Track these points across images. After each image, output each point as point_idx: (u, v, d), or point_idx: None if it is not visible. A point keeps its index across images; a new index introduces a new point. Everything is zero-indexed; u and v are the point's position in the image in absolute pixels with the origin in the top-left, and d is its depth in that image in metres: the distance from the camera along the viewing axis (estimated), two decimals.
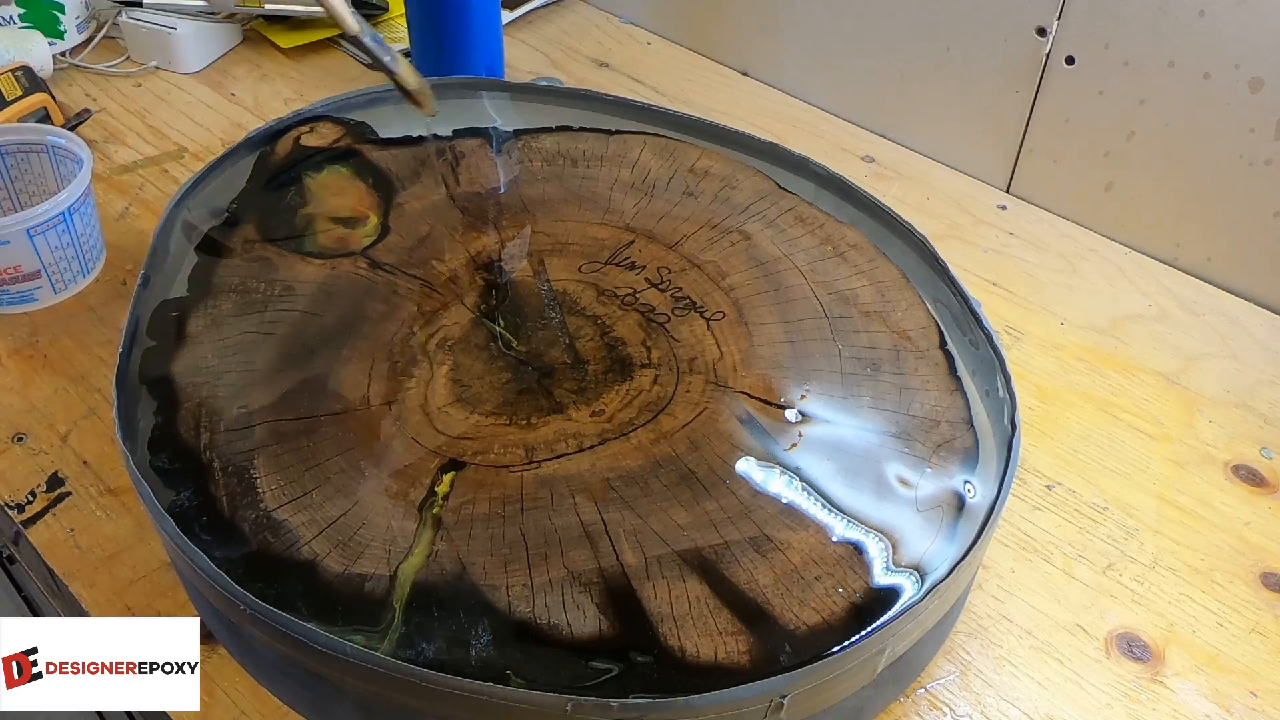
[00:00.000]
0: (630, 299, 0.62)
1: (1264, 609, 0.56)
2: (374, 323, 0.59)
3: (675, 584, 0.47)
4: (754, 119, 0.90)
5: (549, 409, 0.55)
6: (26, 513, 0.57)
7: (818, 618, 0.46)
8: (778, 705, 0.43)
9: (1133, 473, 0.63)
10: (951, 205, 0.83)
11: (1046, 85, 0.79)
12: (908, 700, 0.51)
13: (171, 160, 0.83)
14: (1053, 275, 0.77)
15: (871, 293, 0.63)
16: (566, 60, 0.98)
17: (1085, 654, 0.53)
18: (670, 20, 1.01)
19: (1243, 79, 0.70)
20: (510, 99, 0.76)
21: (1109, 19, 0.74)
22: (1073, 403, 0.67)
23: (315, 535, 0.49)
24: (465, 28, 0.84)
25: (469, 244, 0.65)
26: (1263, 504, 0.61)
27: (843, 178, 0.69)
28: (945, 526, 0.51)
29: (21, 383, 0.64)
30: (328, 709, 0.47)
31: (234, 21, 0.97)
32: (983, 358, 0.59)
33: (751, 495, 0.51)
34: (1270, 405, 0.67)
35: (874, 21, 0.87)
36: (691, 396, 0.56)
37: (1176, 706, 0.51)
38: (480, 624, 0.46)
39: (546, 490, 0.51)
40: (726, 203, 0.69)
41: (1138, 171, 0.77)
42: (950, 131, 0.86)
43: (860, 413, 0.56)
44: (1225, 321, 0.74)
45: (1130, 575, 0.57)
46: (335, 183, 0.69)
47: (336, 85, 0.92)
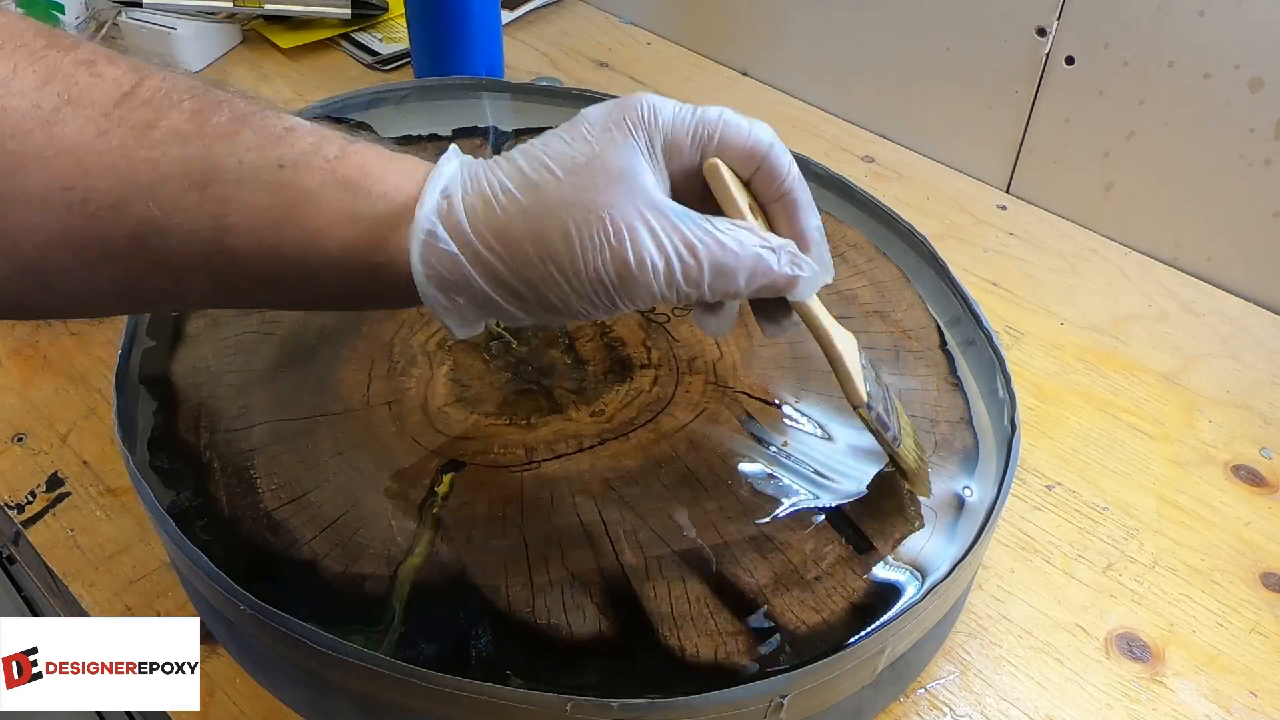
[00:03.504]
0: None
1: (1264, 609, 0.56)
2: (374, 323, 0.59)
3: (675, 584, 0.47)
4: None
5: (549, 409, 0.55)
6: (26, 513, 0.57)
7: (818, 618, 0.46)
8: (778, 705, 0.43)
9: (1133, 473, 0.63)
10: (951, 205, 0.83)
11: (1046, 85, 0.79)
12: (908, 700, 0.51)
13: None
14: (1053, 275, 0.77)
15: (871, 292, 0.63)
16: (566, 60, 0.98)
17: (1085, 654, 0.53)
18: (670, 20, 1.01)
19: (1243, 79, 0.70)
20: (510, 99, 0.76)
21: (1109, 19, 0.74)
22: (1073, 403, 0.67)
23: (315, 535, 0.49)
24: (465, 28, 0.84)
25: None
26: (1263, 504, 0.61)
27: (843, 178, 0.69)
28: (945, 526, 0.51)
29: (21, 383, 0.64)
30: (328, 709, 0.47)
31: (234, 21, 0.97)
32: (983, 358, 0.59)
33: (751, 495, 0.51)
34: (1270, 405, 0.67)
35: (874, 22, 0.87)
36: (691, 397, 0.56)
37: (1176, 706, 0.51)
38: (480, 624, 0.46)
39: (546, 490, 0.51)
40: None
41: (1138, 171, 0.77)
42: (950, 131, 0.86)
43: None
44: (1225, 321, 0.74)
45: (1130, 575, 0.57)
46: None
47: (336, 85, 0.92)
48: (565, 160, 0.38)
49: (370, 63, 0.95)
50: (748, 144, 0.41)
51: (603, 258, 0.37)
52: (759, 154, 0.41)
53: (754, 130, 0.42)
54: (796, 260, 0.41)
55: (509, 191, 0.38)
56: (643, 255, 0.38)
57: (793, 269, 0.41)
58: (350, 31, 0.98)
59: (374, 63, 0.95)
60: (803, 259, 0.42)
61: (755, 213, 0.42)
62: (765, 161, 0.42)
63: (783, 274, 0.41)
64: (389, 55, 0.96)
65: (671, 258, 0.38)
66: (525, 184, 0.38)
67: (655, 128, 0.40)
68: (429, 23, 0.84)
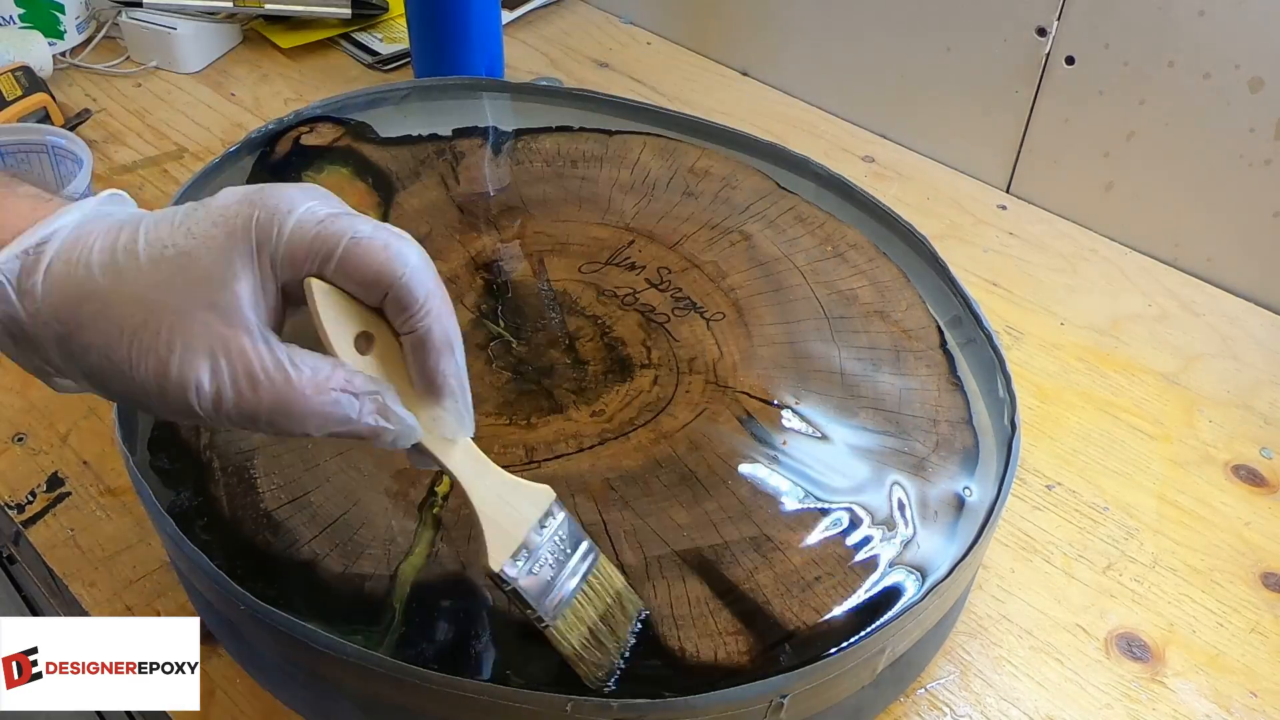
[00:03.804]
0: (630, 299, 0.62)
1: (1264, 609, 0.56)
2: None
3: (675, 584, 0.47)
4: (754, 119, 0.90)
5: (549, 409, 0.55)
6: (26, 513, 0.57)
7: (818, 618, 0.46)
8: (778, 705, 0.43)
9: (1133, 473, 0.63)
10: (951, 205, 0.83)
11: (1046, 85, 0.79)
12: (908, 700, 0.51)
13: (171, 160, 0.83)
14: (1053, 275, 0.77)
15: (871, 293, 0.63)
16: (566, 60, 0.98)
17: (1085, 654, 0.53)
18: (670, 20, 1.01)
19: (1243, 79, 0.70)
20: (510, 99, 0.76)
21: (1109, 19, 0.74)
22: (1073, 403, 0.67)
23: (315, 535, 0.48)
24: (465, 28, 0.84)
25: (469, 244, 0.65)
26: (1263, 504, 0.61)
27: (843, 178, 0.69)
28: (945, 526, 0.51)
29: (21, 383, 0.64)
30: (328, 709, 0.47)
31: (234, 21, 0.97)
32: (983, 358, 0.59)
33: (751, 495, 0.51)
34: (1270, 405, 0.67)
35: (874, 22, 0.87)
36: (691, 397, 0.56)
37: (1176, 706, 0.51)
38: (480, 624, 0.46)
39: None
40: (726, 203, 0.69)
41: (1138, 171, 0.77)
42: (950, 131, 0.86)
43: (860, 413, 0.56)
44: (1225, 321, 0.74)
45: (1130, 575, 0.57)
46: (335, 182, 0.69)
47: (336, 85, 0.92)
48: (157, 249, 0.35)
49: (370, 63, 0.95)
50: (374, 267, 0.36)
51: (147, 364, 0.35)
52: (385, 280, 0.36)
53: (390, 251, 0.36)
54: (384, 412, 0.37)
55: (90, 268, 0.35)
56: (187, 375, 0.34)
57: (375, 421, 0.37)
58: (350, 31, 0.98)
59: (374, 63, 0.95)
60: (396, 411, 0.37)
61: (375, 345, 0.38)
62: (393, 290, 0.36)
63: (364, 424, 0.37)
64: (389, 55, 0.96)
65: (225, 385, 0.35)
66: (110, 265, 0.35)
67: (271, 232, 0.35)
68: (429, 23, 0.84)
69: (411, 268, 0.36)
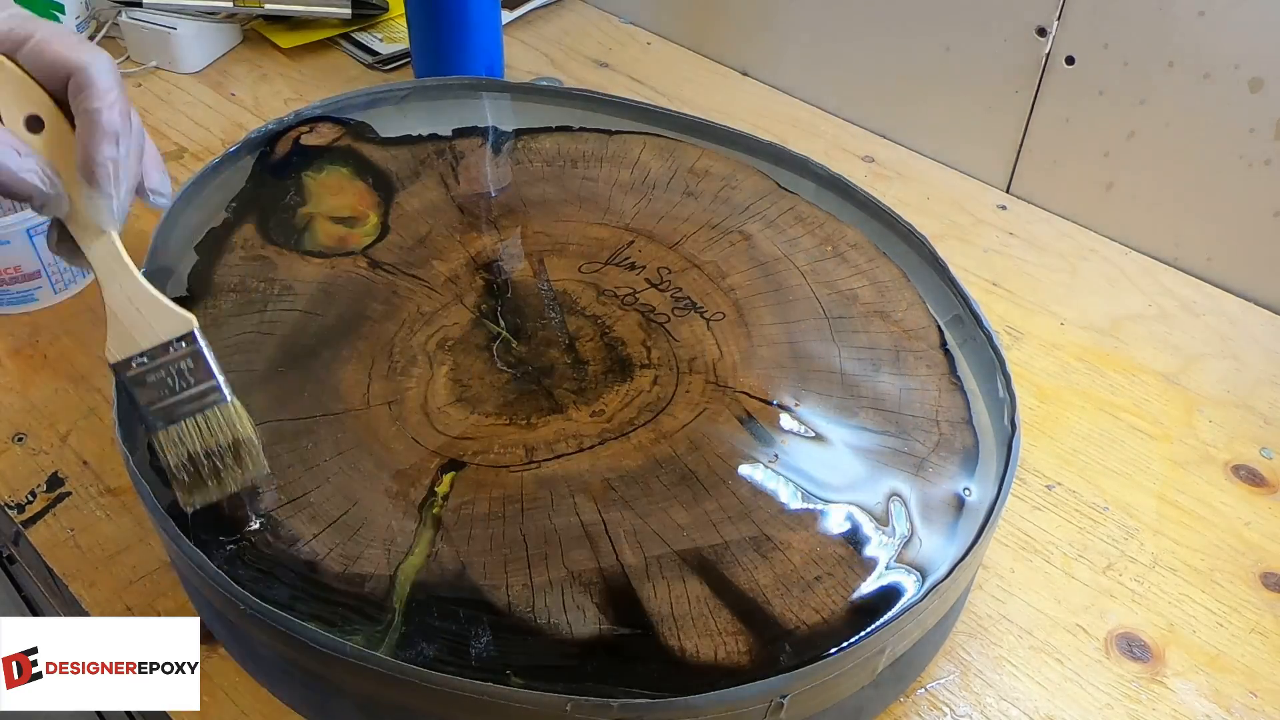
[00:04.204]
0: (630, 299, 0.62)
1: (1264, 609, 0.56)
2: (374, 323, 0.59)
3: (675, 584, 0.47)
4: (754, 119, 0.90)
5: (549, 409, 0.55)
6: (26, 513, 0.57)
7: (818, 618, 0.46)
8: (778, 705, 0.43)
9: (1133, 473, 0.63)
10: (951, 205, 0.83)
11: (1046, 85, 0.79)
12: (908, 700, 0.51)
13: (171, 160, 0.83)
14: (1053, 275, 0.77)
15: (871, 292, 0.63)
16: (566, 60, 0.98)
17: (1085, 654, 0.53)
18: (670, 20, 1.01)
19: (1243, 79, 0.70)
20: (510, 99, 0.76)
21: (1109, 19, 0.74)
22: (1073, 403, 0.67)
23: (315, 535, 0.49)
24: (465, 28, 0.84)
25: (469, 244, 0.65)
26: (1263, 504, 0.61)
27: (843, 178, 0.69)
28: (945, 526, 0.51)
29: (21, 383, 0.64)
30: (328, 709, 0.47)
31: (234, 21, 0.97)
32: (983, 358, 0.59)
33: (751, 495, 0.51)
34: (1270, 405, 0.67)
35: (874, 21, 0.87)
36: (691, 397, 0.56)
37: (1176, 706, 0.51)
38: (480, 624, 0.46)
39: (546, 490, 0.51)
40: (726, 203, 0.69)
41: (1138, 171, 0.77)
42: (950, 131, 0.86)
43: (860, 413, 0.56)
44: (1225, 321, 0.74)
45: (1130, 575, 0.57)
46: (335, 182, 0.69)
47: (336, 85, 0.92)
48: None
49: (370, 63, 0.95)
50: (63, 52, 0.41)
51: None
52: (72, 64, 0.40)
53: (83, 46, 0.41)
54: (46, 175, 0.40)
55: None
56: None
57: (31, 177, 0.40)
58: (350, 31, 0.98)
59: (374, 63, 0.95)
60: (50, 176, 0.41)
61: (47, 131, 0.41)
62: (76, 73, 0.41)
63: (22, 176, 0.40)
64: (389, 55, 0.96)
65: None
66: None
67: None
68: (429, 23, 0.84)
69: (100, 60, 0.41)
